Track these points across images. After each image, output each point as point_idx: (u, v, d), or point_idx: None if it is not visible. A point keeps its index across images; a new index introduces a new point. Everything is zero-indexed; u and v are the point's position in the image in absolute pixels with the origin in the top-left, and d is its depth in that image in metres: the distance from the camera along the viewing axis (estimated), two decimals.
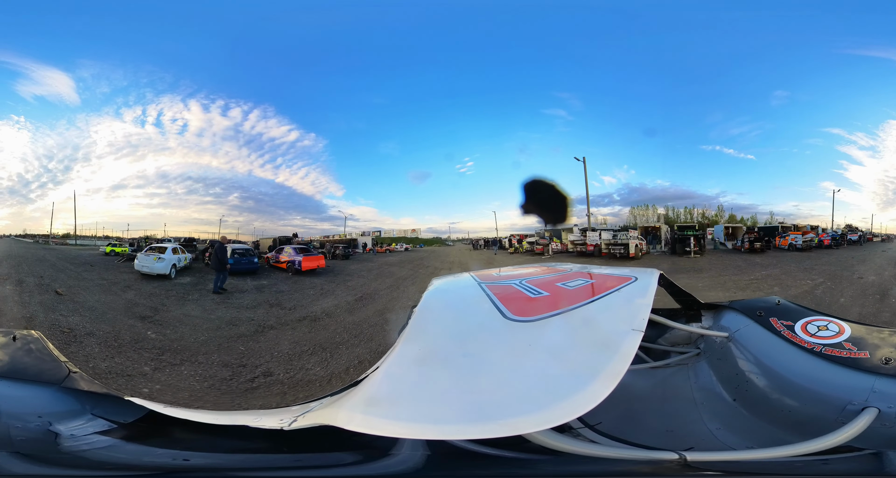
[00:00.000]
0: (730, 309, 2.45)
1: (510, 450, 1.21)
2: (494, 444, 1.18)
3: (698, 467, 1.31)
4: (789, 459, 1.39)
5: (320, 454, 1.39)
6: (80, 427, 1.55)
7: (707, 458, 1.35)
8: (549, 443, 1.21)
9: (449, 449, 1.23)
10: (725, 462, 1.40)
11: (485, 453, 1.21)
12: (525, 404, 1.04)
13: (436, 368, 1.31)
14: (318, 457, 1.39)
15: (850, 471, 1.40)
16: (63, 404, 1.65)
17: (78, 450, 1.44)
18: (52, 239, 29.29)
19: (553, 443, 1.22)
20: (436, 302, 2.11)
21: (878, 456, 1.41)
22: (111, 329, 7.90)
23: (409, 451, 1.24)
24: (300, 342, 7.48)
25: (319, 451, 1.40)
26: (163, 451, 1.47)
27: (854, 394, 1.60)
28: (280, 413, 1.60)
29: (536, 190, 2.02)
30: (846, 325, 1.91)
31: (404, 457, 1.23)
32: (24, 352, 1.94)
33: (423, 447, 1.24)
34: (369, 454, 1.29)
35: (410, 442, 1.24)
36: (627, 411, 2.00)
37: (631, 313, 1.52)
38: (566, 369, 1.19)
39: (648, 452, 1.36)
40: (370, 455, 1.28)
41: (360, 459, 1.30)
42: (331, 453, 1.36)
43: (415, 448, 1.24)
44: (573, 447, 1.26)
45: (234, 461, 1.48)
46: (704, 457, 1.34)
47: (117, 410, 1.68)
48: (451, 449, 1.22)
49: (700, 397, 2.19)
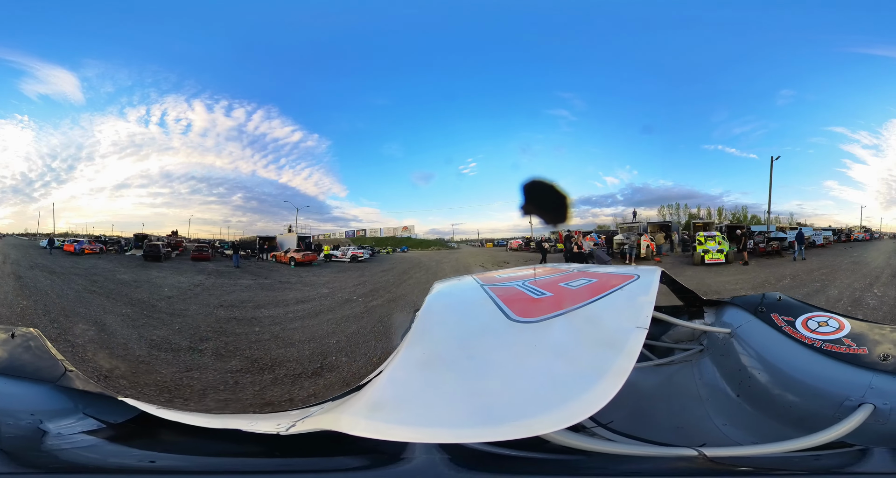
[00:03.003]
0: (732, 305, 2.46)
1: (529, 451, 1.20)
2: (511, 445, 1.17)
3: (721, 463, 1.31)
4: (786, 454, 1.40)
5: (319, 459, 1.36)
6: (68, 426, 1.55)
7: (722, 454, 1.35)
8: (571, 442, 1.21)
9: (466, 452, 1.21)
10: (738, 458, 1.40)
11: (504, 454, 1.20)
12: (535, 405, 1.04)
13: (441, 371, 1.30)
14: (317, 461, 1.36)
15: (838, 467, 1.39)
16: (56, 402, 1.65)
17: (57, 449, 1.42)
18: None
19: (575, 442, 1.21)
20: (439, 305, 2.11)
21: (865, 452, 1.41)
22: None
23: (423, 455, 1.22)
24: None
25: (316, 456, 1.37)
26: (137, 452, 1.43)
27: (852, 390, 1.61)
28: (278, 418, 1.58)
29: (536, 191, 2.02)
30: (846, 321, 1.92)
31: (421, 461, 1.21)
32: (22, 349, 1.96)
33: (438, 451, 1.23)
34: (378, 459, 1.27)
35: (423, 446, 1.23)
36: (636, 409, 2.00)
37: (635, 311, 1.52)
38: (573, 369, 1.19)
39: (668, 449, 1.36)
40: (379, 460, 1.26)
41: (368, 464, 1.28)
42: (332, 458, 1.33)
43: (429, 452, 1.23)
44: (595, 446, 1.26)
45: (207, 464, 1.43)
46: (719, 453, 1.34)
47: (109, 410, 1.67)
48: (468, 452, 1.21)
49: (705, 394, 2.20)
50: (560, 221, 2.17)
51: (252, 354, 6.88)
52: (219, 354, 6.87)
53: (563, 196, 1.99)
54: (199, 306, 11.06)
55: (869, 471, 1.36)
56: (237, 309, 10.86)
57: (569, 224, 25.76)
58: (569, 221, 2.11)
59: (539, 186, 2.00)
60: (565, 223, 2.24)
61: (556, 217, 2.15)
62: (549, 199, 2.00)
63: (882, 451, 1.41)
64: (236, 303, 11.78)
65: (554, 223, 2.25)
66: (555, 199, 1.99)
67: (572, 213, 2.04)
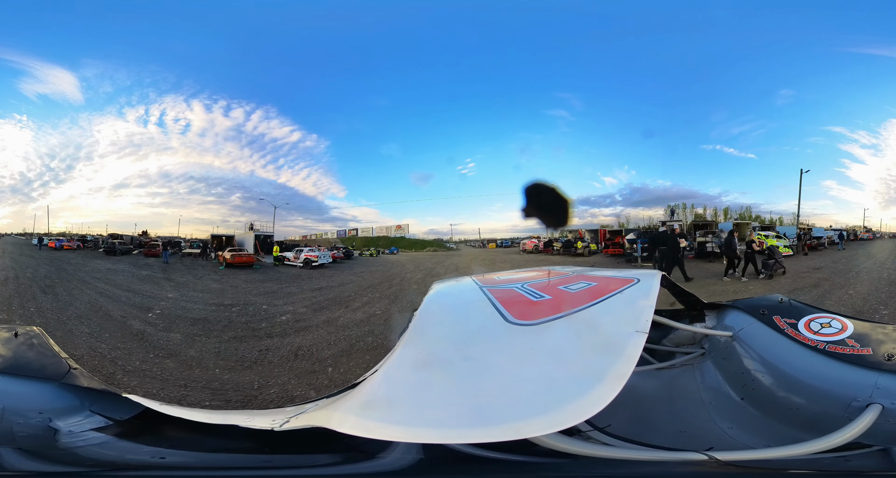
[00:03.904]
0: (733, 308, 2.45)
1: (516, 454, 1.20)
2: (499, 448, 1.17)
3: (738, 466, 1.30)
4: (809, 457, 1.38)
5: (302, 456, 1.38)
6: (77, 423, 1.57)
7: (735, 457, 1.35)
8: (560, 446, 1.20)
9: (446, 452, 1.21)
10: (755, 461, 1.39)
11: (487, 456, 1.20)
12: (529, 408, 1.04)
13: (436, 371, 1.30)
14: (305, 458, 1.38)
15: (868, 468, 1.40)
16: (63, 400, 1.67)
17: (74, 446, 1.44)
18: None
19: (564, 446, 1.21)
20: (436, 306, 2.11)
21: (887, 452, 1.41)
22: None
23: (400, 453, 1.23)
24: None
25: (306, 453, 1.39)
26: (148, 448, 1.47)
27: (858, 391, 1.60)
28: (273, 414, 1.59)
29: (537, 193, 2.02)
30: (849, 322, 1.91)
31: (393, 459, 1.22)
32: (25, 348, 1.99)
33: (417, 450, 1.23)
34: (353, 456, 1.28)
35: (408, 446, 1.23)
36: (636, 413, 1.99)
37: (634, 315, 1.51)
38: (571, 373, 1.19)
39: (673, 453, 1.35)
40: (354, 457, 1.27)
41: (353, 461, 1.29)
42: (313, 455, 1.35)
43: (407, 451, 1.23)
44: (587, 450, 1.25)
45: (211, 461, 1.47)
46: (732, 456, 1.33)
47: (115, 406, 1.70)
48: (449, 452, 1.21)
49: (708, 397, 2.18)
50: (561, 224, 2.17)
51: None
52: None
53: (564, 199, 1.99)
54: (73, 273, 17.81)
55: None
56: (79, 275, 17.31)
57: (570, 225, 25.64)
58: (570, 223, 2.11)
59: (541, 189, 2.00)
60: (566, 226, 2.24)
61: (557, 220, 2.15)
62: (551, 201, 2.00)
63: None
64: (94, 271, 18.65)
65: (555, 226, 2.24)
66: (556, 202, 1.99)
67: (573, 214, 2.05)
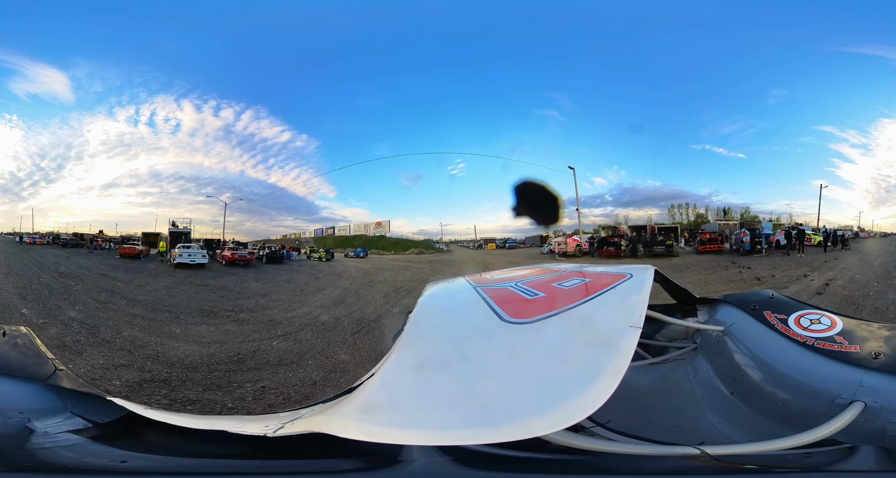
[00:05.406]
0: (724, 303, 2.47)
1: (530, 451, 1.19)
2: (511, 446, 1.15)
3: (725, 461, 1.30)
4: (780, 452, 1.39)
5: (306, 461, 1.34)
6: (55, 425, 1.53)
7: (724, 452, 1.35)
8: (572, 443, 1.19)
9: (466, 453, 1.19)
10: (739, 456, 1.40)
11: (506, 454, 1.18)
12: (532, 406, 1.03)
13: (434, 373, 1.29)
14: (304, 464, 1.34)
15: (826, 464, 1.39)
16: (45, 401, 1.64)
17: (40, 448, 1.40)
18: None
19: (576, 442, 1.20)
20: (431, 307, 2.09)
21: (854, 450, 1.41)
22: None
23: (422, 457, 1.20)
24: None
25: (304, 458, 1.35)
26: (119, 452, 1.42)
27: (843, 388, 1.61)
28: (266, 419, 1.56)
29: (528, 192, 2.02)
30: (838, 318, 1.93)
31: (420, 463, 1.19)
32: (10, 347, 1.96)
33: (438, 453, 1.21)
34: (372, 462, 1.24)
35: (421, 448, 1.21)
36: (633, 409, 2.00)
37: (628, 310, 1.51)
38: (568, 369, 1.18)
39: (670, 447, 1.35)
40: (374, 463, 1.23)
41: (361, 466, 1.25)
42: (320, 461, 1.31)
43: (428, 454, 1.21)
44: (596, 445, 1.25)
45: (188, 465, 1.41)
46: (721, 451, 1.33)
47: (97, 409, 1.66)
48: (469, 453, 1.19)
49: (700, 392, 2.19)
50: (552, 222, 2.18)
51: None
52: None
53: (554, 197, 1.99)
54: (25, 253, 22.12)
55: (856, 469, 1.37)
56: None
57: (560, 224, 25.76)
58: (560, 222, 2.12)
59: (531, 188, 2.00)
60: (557, 224, 2.25)
61: (547, 218, 2.15)
62: (541, 200, 2.00)
63: (869, 448, 1.42)
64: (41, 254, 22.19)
65: (546, 224, 2.25)
66: (546, 200, 2.00)
67: (564, 213, 2.04)
